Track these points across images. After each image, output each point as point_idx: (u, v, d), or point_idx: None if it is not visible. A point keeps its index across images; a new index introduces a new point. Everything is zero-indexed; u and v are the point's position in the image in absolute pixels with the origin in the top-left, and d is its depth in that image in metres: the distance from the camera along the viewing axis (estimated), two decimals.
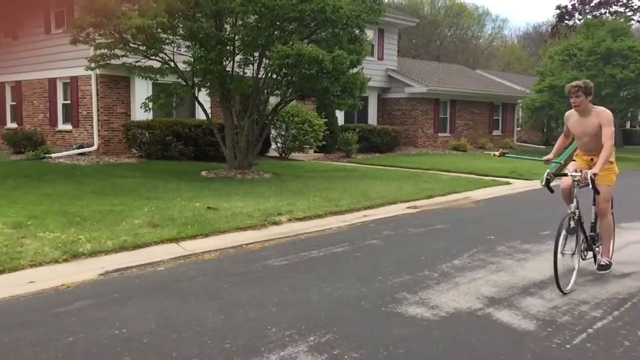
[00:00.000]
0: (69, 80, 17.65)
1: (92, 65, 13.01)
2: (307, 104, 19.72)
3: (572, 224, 5.24)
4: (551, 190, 5.41)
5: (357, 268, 6.10)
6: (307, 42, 12.76)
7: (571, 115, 5.65)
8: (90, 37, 12.26)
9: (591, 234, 5.70)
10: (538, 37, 56.86)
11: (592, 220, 5.73)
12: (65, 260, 6.08)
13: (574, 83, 5.44)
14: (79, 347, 3.88)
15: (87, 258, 6.23)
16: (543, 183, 5.39)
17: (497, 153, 6.45)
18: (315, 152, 19.84)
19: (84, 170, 13.71)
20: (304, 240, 7.51)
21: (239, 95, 14.19)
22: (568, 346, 4.03)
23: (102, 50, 12.47)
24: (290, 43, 12.05)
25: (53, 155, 16.39)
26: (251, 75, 13.43)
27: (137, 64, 13.09)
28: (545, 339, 4.14)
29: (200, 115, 17.03)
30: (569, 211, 5.27)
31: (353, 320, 4.47)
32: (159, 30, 12.03)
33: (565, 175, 5.52)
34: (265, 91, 13.61)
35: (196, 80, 13.35)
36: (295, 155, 19.17)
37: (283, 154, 18.97)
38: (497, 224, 8.72)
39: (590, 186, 5.25)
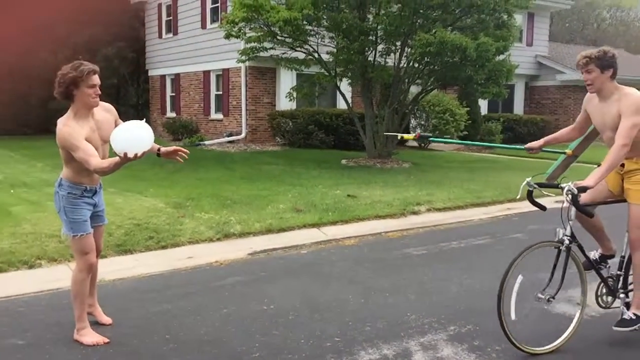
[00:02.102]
0: (221, 72, 18.84)
1: (243, 58, 13.79)
2: (449, 93, 19.31)
3: (579, 257, 3.82)
4: (541, 207, 3.85)
5: (499, 261, 5.88)
6: (450, 30, 12.49)
7: (591, 99, 3.94)
8: (242, 31, 12.99)
9: (618, 272, 4.07)
10: None
11: (623, 253, 4.09)
12: (218, 240, 6.57)
13: (584, 52, 3.82)
14: (232, 319, 4.21)
15: (237, 238, 6.69)
16: (519, 196, 3.85)
17: (409, 135, 4.83)
18: None
19: (233, 157, 14.62)
20: (443, 230, 7.44)
21: (379, 85, 14.28)
22: None
23: (252, 44, 13.16)
24: (433, 31, 11.87)
25: (206, 142, 17.67)
26: (392, 64, 13.45)
27: (284, 55, 13.66)
28: None
29: (340, 105, 17.38)
30: (556, 238, 3.74)
31: (494, 313, 4.36)
32: (305, 22, 12.44)
33: (556, 187, 3.77)
34: (406, 80, 13.55)
35: (338, 70, 13.63)
36: (434, 145, 18.90)
37: (422, 144, 18.78)
38: None
39: (573, 204, 3.65)
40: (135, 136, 3.28)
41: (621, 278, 4.08)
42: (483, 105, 21.22)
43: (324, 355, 3.60)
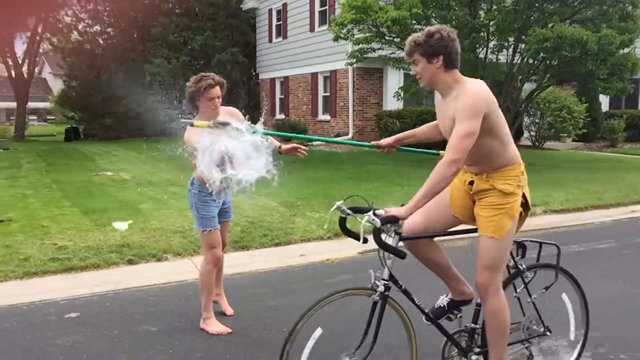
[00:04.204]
0: (328, 74, 19.14)
1: (352, 60, 13.93)
2: (566, 89, 18.35)
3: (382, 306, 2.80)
4: (356, 237, 2.84)
5: (624, 266, 5.59)
6: (568, 23, 11.89)
7: (438, 94, 3.04)
8: (350, 33, 13.13)
9: (473, 325, 3.13)
10: None
11: (478, 301, 3.11)
12: (329, 238, 6.71)
13: (410, 37, 2.89)
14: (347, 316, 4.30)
15: (346, 237, 6.77)
16: (326, 226, 2.87)
17: (201, 123, 3.44)
18: (573, 140, 18.41)
19: (341, 157, 14.82)
20: (561, 233, 7.11)
21: (490, 83, 13.88)
22: None
23: (360, 45, 13.27)
24: (550, 25, 11.35)
25: (314, 142, 18.02)
26: (505, 61, 13.02)
27: (391, 55, 13.64)
28: None
29: None
30: (370, 283, 2.82)
31: (619, 320, 4.15)
32: (413, 21, 12.36)
33: (366, 212, 2.79)
34: (520, 77, 13.07)
35: None
36: (550, 144, 18.04)
37: (537, 143, 17.99)
38: None
39: (375, 240, 2.69)
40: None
41: (477, 333, 3.09)
42: (604, 101, 19.97)
43: (437, 354, 3.57)
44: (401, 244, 2.86)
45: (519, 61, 12.75)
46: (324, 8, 18.86)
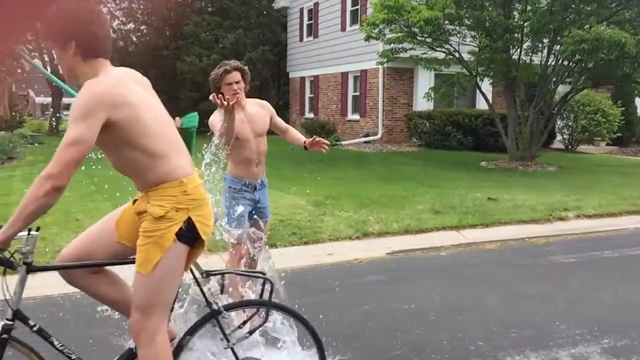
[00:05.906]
0: (358, 74, 19.09)
1: (383, 60, 13.89)
2: (601, 92, 18.00)
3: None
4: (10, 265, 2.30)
5: None
6: (605, 24, 11.66)
7: None
8: (382, 32, 13.09)
9: None
10: None
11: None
12: (357, 238, 6.71)
13: None
14: (373, 315, 4.30)
15: (375, 237, 6.78)
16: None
17: None
18: (607, 144, 18.04)
19: (370, 157, 14.78)
20: (594, 239, 6.99)
21: (523, 85, 13.70)
22: None
23: (391, 45, 13.21)
24: (587, 26, 11.15)
25: (343, 142, 18.02)
26: (538, 62, 12.85)
27: (423, 55, 13.55)
28: None
29: (480, 106, 16.88)
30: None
31: None
32: (446, 21, 12.27)
33: None
34: (554, 79, 12.87)
35: (480, 69, 13.27)
36: (583, 147, 17.71)
37: (569, 146, 17.69)
38: None
39: None
40: None
41: None
42: None
43: (467, 358, 3.56)
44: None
45: (553, 63, 12.56)
46: (356, 7, 18.82)
